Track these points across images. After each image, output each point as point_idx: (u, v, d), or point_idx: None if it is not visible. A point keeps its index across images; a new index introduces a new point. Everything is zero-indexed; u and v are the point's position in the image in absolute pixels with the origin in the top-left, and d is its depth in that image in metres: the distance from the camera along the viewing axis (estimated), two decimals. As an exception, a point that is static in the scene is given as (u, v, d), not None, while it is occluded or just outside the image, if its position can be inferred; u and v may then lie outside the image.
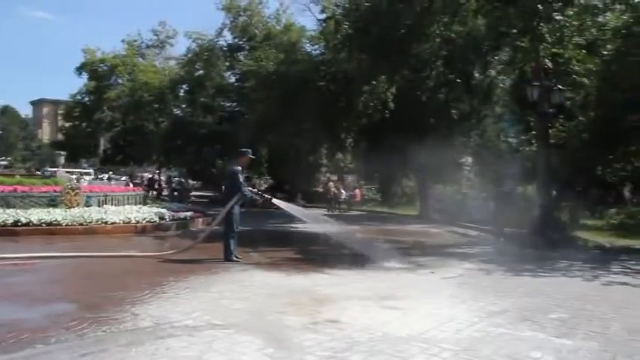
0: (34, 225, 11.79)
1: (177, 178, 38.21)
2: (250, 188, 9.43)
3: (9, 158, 72.94)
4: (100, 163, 35.88)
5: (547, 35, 11.54)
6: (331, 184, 24.60)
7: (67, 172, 23.45)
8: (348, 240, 12.41)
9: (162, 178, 35.98)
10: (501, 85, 20.18)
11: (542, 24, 11.18)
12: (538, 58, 12.90)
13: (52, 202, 13.79)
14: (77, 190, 14.48)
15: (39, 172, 45.59)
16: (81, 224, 12.26)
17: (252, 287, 6.76)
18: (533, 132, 16.09)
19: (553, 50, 13.26)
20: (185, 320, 5.02)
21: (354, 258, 9.82)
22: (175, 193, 30.59)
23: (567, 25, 11.90)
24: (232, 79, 26.81)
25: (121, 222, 12.89)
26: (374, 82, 16.50)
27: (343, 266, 8.57)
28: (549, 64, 13.42)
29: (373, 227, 16.57)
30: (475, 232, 15.60)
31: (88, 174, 41.88)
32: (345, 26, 15.17)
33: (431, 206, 21.89)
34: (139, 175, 30.28)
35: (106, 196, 15.37)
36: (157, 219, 13.65)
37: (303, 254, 10.22)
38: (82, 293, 6.06)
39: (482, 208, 19.07)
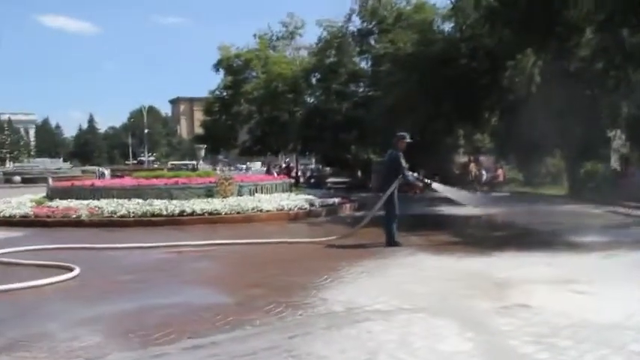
0: (197, 214, 12.62)
1: (312, 165, 39.28)
2: (412, 173, 9.09)
3: (155, 154, 79.67)
4: (239, 154, 37.76)
5: None
6: (472, 165, 23.81)
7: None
8: (505, 221, 12.00)
9: (296, 165, 37.10)
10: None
11: None
12: None
13: (209, 193, 14.69)
14: (231, 181, 15.33)
15: (180, 164, 49.67)
16: (238, 213, 12.91)
17: (427, 271, 6.75)
18: None
19: None
20: (374, 305, 5.10)
21: (517, 240, 9.47)
22: (312, 180, 31.47)
23: None
24: (364, 64, 26.90)
25: (275, 210, 13.39)
26: (519, 57, 15.59)
27: (509, 249, 8.27)
28: None
29: (523, 208, 15.76)
30: (638, 212, 14.22)
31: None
32: (488, 1, 14.45)
33: (582, 185, 20.35)
34: (276, 164, 31.45)
35: (257, 185, 16.10)
36: (307, 206, 14.04)
37: (461, 237, 10.00)
38: (265, 278, 6.38)
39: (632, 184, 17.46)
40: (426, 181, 9.33)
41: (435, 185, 9.42)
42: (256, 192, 15.72)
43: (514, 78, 15.58)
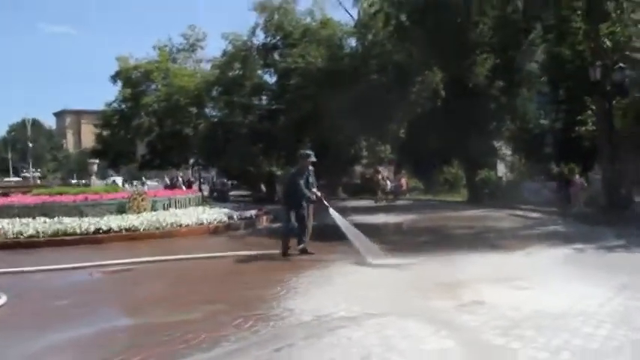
0: (114, 232, 12.00)
1: (213, 179, 38.55)
2: (310, 191, 8.97)
3: (39, 170, 74.30)
4: (139, 168, 36.30)
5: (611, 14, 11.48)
6: (379, 175, 24.68)
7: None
8: (422, 227, 12.56)
9: (192, 179, 36.30)
10: (534, 65, 19.91)
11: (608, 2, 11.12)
12: (598, 38, 12.84)
13: (121, 209, 14.03)
14: (144, 196, 14.76)
15: (74, 182, 46.65)
16: (157, 228, 12.43)
17: (370, 277, 6.95)
18: (589, 111, 15.98)
19: (611, 29, 13.24)
20: (339, 312, 5.20)
21: (443, 243, 10.01)
22: (215, 194, 30.92)
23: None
24: (268, 78, 26.99)
25: (194, 224, 13.07)
26: (426, 72, 16.52)
27: (440, 252, 8.74)
28: (608, 43, 13.31)
29: (432, 215, 16.64)
30: (536, 214, 15.53)
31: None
32: (395, 19, 15.18)
33: (479, 191, 21.82)
34: (179, 178, 30.52)
35: (170, 199, 15.63)
36: (226, 219, 13.85)
37: (389, 244, 10.25)
38: (218, 293, 6.26)
39: (534, 190, 19.09)
40: (325, 203, 9.13)
41: (332, 211, 9.08)
42: (170, 206, 15.27)
43: (421, 92, 16.43)
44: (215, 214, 14.08)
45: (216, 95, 27.62)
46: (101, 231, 11.90)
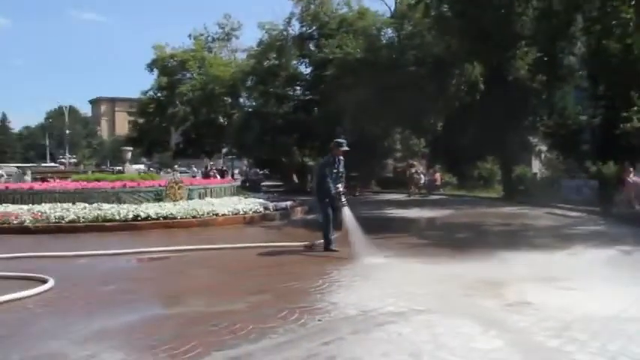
0: (152, 219, 12.15)
1: (246, 169, 38.72)
2: (336, 186, 8.53)
3: (74, 156, 75.91)
4: (172, 156, 36.78)
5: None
6: (413, 169, 24.48)
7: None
8: (459, 223, 12.39)
9: (224, 168, 36.55)
10: (573, 59, 19.34)
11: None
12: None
13: (158, 196, 14.22)
14: (181, 184, 14.92)
15: (106, 169, 47.47)
16: (194, 217, 12.57)
17: (415, 274, 6.85)
18: (635, 108, 15.47)
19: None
20: (386, 307, 5.14)
21: (481, 241, 9.87)
22: (247, 184, 31.12)
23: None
24: (303, 68, 26.99)
25: (230, 214, 13.17)
26: (465, 65, 16.25)
27: (480, 249, 8.61)
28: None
29: (467, 210, 16.42)
30: (575, 213, 15.15)
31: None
32: (436, 10, 14.92)
33: (514, 188, 21.41)
34: (213, 167, 30.73)
35: (206, 188, 15.79)
36: (262, 209, 13.90)
37: (428, 239, 10.23)
38: (262, 285, 6.24)
39: (574, 188, 18.59)
40: (343, 200, 8.56)
41: (345, 209, 8.52)
42: (206, 195, 15.42)
43: (460, 86, 16.17)
44: (251, 204, 14.14)
45: (251, 85, 27.75)
46: (139, 218, 12.09)
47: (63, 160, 62.09)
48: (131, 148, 30.92)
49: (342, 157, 8.83)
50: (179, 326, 4.65)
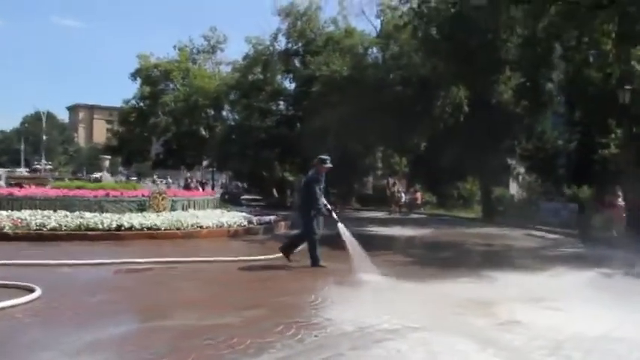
0: (135, 229, 12.03)
1: (230, 182, 38.59)
2: (324, 202, 8.59)
3: (50, 163, 74.71)
4: (152, 167, 36.48)
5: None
6: (395, 187, 24.69)
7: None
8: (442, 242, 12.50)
9: (203, 181, 36.42)
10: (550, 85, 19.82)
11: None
12: (629, 60, 12.80)
13: (142, 207, 14.07)
14: (164, 195, 14.80)
15: (82, 176, 46.76)
16: (178, 229, 12.47)
17: (404, 293, 6.88)
18: (612, 135, 15.91)
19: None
20: (382, 324, 5.17)
21: (467, 260, 10.02)
22: (226, 197, 30.97)
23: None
24: (288, 84, 27.12)
25: (214, 226, 13.10)
26: (451, 87, 16.55)
27: (465, 269, 8.76)
28: (638, 67, 13.26)
29: (448, 230, 16.61)
30: (552, 235, 15.44)
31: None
32: (423, 32, 15.21)
33: (493, 209, 21.75)
34: (193, 179, 30.58)
35: (189, 200, 15.67)
36: (246, 223, 13.86)
37: (413, 257, 10.29)
38: (254, 299, 6.23)
39: (552, 211, 18.94)
40: (335, 216, 8.65)
41: (340, 225, 8.59)
42: (189, 207, 15.31)
43: (445, 107, 16.44)
44: (235, 218, 14.09)
45: (235, 98, 27.77)
46: (123, 228, 11.95)
47: (38, 166, 61.12)
48: (109, 157, 30.62)
49: (324, 174, 8.79)
50: (173, 339, 4.59)
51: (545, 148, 23.39)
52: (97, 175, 36.98)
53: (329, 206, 8.69)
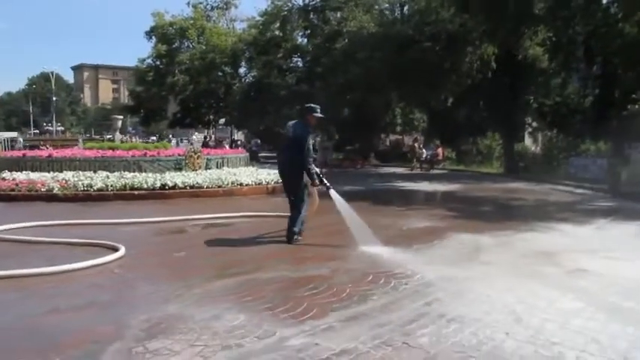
0: (179, 188, 12.37)
1: (250, 140, 38.76)
2: (316, 170, 7.13)
3: (60, 124, 74.75)
4: (169, 126, 36.59)
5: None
6: (416, 143, 24.87)
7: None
8: (476, 196, 12.78)
9: (220, 139, 36.53)
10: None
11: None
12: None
13: (178, 166, 14.40)
14: (199, 154, 15.08)
15: (98, 138, 46.85)
16: (219, 186, 12.79)
17: (466, 243, 7.19)
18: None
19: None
20: (462, 273, 5.56)
21: (507, 214, 10.36)
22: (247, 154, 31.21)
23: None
24: (306, 40, 26.86)
25: (253, 184, 13.42)
26: (477, 43, 16.53)
27: (511, 222, 9.08)
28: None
29: (476, 185, 16.87)
30: (581, 190, 15.66)
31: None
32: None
33: (515, 164, 21.95)
34: (225, 138, 30.57)
35: (223, 158, 15.97)
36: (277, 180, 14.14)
37: (454, 212, 10.51)
38: (330, 251, 6.55)
39: (580, 166, 19.10)
40: (326, 183, 7.09)
41: (332, 192, 7.09)
42: (223, 165, 15.63)
43: (473, 64, 16.46)
44: (270, 175, 14.36)
45: (253, 55, 27.64)
46: (167, 187, 12.27)
47: (49, 127, 61.23)
48: (121, 117, 30.73)
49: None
50: (280, 290, 4.89)
51: (565, 103, 23.41)
52: (109, 135, 37.23)
53: (317, 170, 7.20)
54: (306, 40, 26.89)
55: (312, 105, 7.32)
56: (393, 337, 3.75)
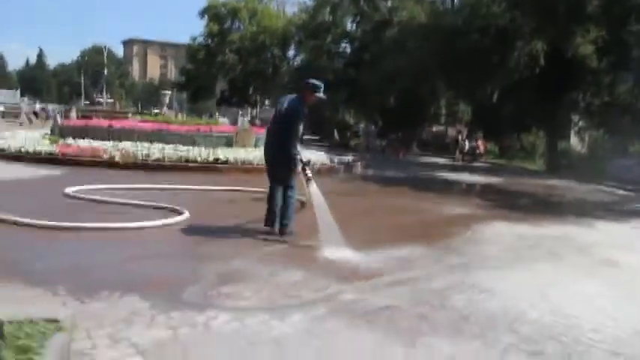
0: (230, 163, 13.00)
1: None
2: (301, 157, 6.00)
3: (109, 96, 77.04)
4: (217, 103, 37.54)
5: None
6: (460, 135, 25.07)
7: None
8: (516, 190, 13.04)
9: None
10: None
11: None
12: None
13: (229, 142, 15.04)
14: (249, 132, 15.71)
15: (147, 112, 48.24)
16: (269, 164, 13.34)
17: (504, 230, 7.60)
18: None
19: None
20: (506, 256, 6.02)
21: (545, 209, 10.65)
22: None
23: None
24: (356, 27, 27.22)
25: (302, 163, 13.93)
26: (526, 38, 16.62)
27: (549, 216, 9.40)
28: None
29: (518, 179, 17.02)
30: (621, 192, 15.65)
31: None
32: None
33: (558, 162, 21.87)
34: (252, 117, 31.46)
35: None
36: (328, 162, 14.69)
37: (495, 202, 10.84)
38: (413, 227, 7.26)
39: (625, 167, 18.95)
40: (308, 173, 5.95)
41: (312, 186, 5.91)
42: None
43: (521, 59, 16.58)
44: (321, 156, 14.84)
45: (302, 39, 28.14)
46: (219, 161, 12.92)
47: (100, 99, 63.23)
48: (169, 92, 31.54)
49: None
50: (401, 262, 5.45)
51: (615, 103, 23.08)
52: (156, 110, 38.32)
53: (302, 157, 6.04)
54: (355, 26, 27.24)
55: (316, 82, 6.20)
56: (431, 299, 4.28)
